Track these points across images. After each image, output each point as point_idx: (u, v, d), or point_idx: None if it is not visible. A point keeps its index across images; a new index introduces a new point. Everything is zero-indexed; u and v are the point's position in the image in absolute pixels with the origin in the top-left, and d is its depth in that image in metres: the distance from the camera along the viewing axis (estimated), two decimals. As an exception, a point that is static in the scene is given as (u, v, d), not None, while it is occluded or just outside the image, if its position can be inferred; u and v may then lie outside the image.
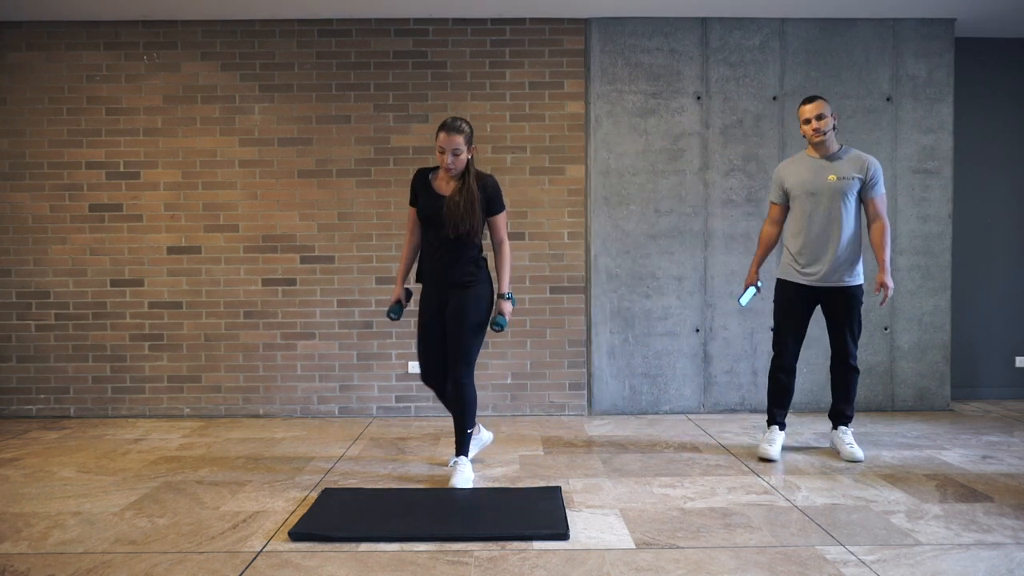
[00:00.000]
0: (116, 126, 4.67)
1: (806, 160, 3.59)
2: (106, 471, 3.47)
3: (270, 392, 4.72)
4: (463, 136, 3.11)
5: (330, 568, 2.35)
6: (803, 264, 3.57)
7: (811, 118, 3.47)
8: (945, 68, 4.72)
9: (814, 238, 3.53)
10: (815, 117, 3.46)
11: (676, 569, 2.33)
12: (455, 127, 3.10)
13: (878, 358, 4.76)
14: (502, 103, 4.68)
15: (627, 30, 4.66)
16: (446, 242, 3.18)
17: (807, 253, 3.55)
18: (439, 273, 3.22)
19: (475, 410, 3.24)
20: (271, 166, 4.68)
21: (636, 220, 4.68)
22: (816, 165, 3.54)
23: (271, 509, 2.91)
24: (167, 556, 2.45)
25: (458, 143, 3.09)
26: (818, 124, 3.46)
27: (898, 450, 3.78)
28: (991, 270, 5.13)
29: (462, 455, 3.24)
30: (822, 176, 3.51)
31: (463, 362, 3.18)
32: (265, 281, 4.70)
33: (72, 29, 4.65)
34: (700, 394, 4.74)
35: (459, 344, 3.18)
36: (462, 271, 3.20)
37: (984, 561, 2.38)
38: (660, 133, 4.68)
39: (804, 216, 3.55)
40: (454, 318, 3.19)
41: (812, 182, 3.52)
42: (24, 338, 4.71)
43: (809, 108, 3.48)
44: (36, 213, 4.69)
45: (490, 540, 2.58)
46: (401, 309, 3.36)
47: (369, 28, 4.66)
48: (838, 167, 3.51)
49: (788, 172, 3.62)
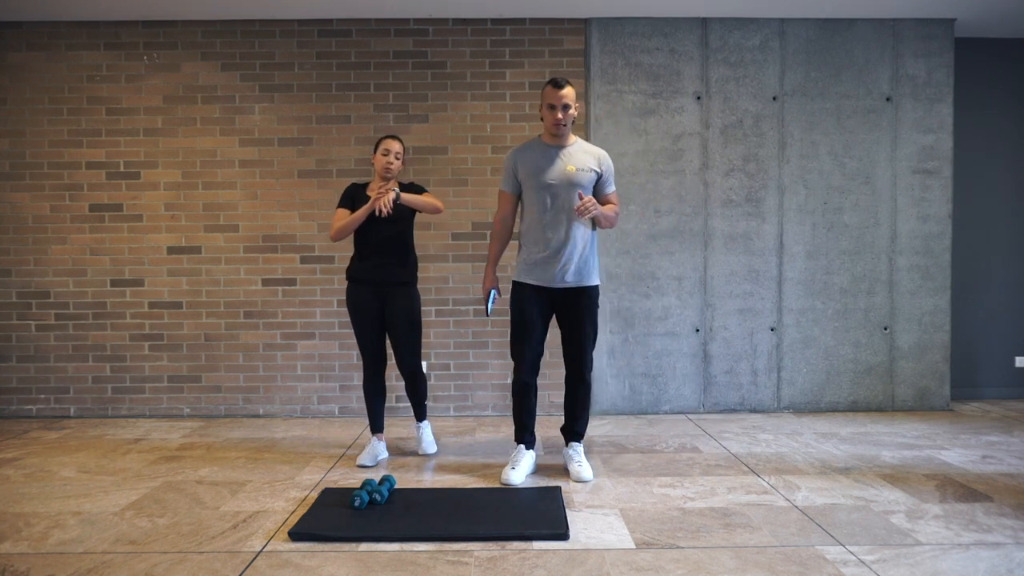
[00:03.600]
0: (116, 126, 4.67)
1: (540, 146, 3.28)
2: (106, 471, 3.47)
3: (270, 392, 4.72)
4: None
5: (330, 568, 2.35)
6: (539, 262, 3.24)
7: (557, 105, 3.14)
8: (945, 68, 4.72)
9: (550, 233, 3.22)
10: (562, 107, 3.15)
11: (676, 569, 2.33)
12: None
13: (878, 358, 4.76)
14: (502, 103, 4.68)
15: (627, 30, 4.66)
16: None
17: (543, 249, 3.22)
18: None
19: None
20: (271, 166, 4.68)
21: (636, 220, 4.68)
22: (552, 153, 3.24)
23: (271, 509, 2.91)
24: (167, 556, 2.45)
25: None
26: (562, 116, 3.16)
27: (898, 450, 3.78)
28: (991, 270, 5.13)
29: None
30: (560, 166, 3.21)
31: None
32: (265, 281, 4.70)
33: (72, 29, 4.66)
34: (700, 394, 4.74)
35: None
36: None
37: (984, 561, 2.38)
38: (660, 133, 4.68)
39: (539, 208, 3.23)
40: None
41: (548, 171, 3.21)
42: (24, 338, 4.71)
43: (561, 94, 3.15)
44: (36, 213, 4.69)
45: (490, 540, 2.58)
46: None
47: (369, 28, 4.66)
48: (575, 157, 3.23)
49: (522, 158, 3.28)
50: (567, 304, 3.26)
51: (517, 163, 3.29)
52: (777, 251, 4.73)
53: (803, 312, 4.73)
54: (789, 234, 4.72)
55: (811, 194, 4.71)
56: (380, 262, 3.52)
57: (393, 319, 3.54)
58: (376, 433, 3.67)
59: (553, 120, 3.17)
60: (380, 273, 3.52)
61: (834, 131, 4.71)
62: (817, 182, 4.71)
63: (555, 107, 3.15)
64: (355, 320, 3.56)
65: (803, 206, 4.72)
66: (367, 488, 2.91)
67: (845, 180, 4.72)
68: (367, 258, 3.54)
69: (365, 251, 3.54)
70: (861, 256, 4.73)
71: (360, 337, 3.57)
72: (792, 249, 4.72)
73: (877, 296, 4.74)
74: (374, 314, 3.55)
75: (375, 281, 3.53)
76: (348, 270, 3.61)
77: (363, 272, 3.54)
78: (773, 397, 4.75)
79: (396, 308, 3.53)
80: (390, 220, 3.47)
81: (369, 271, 3.53)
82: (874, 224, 4.73)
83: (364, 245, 3.54)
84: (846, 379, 4.75)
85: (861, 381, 4.76)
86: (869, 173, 4.72)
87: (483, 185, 4.68)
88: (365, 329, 3.55)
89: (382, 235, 3.50)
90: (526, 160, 3.26)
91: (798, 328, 4.73)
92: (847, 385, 4.75)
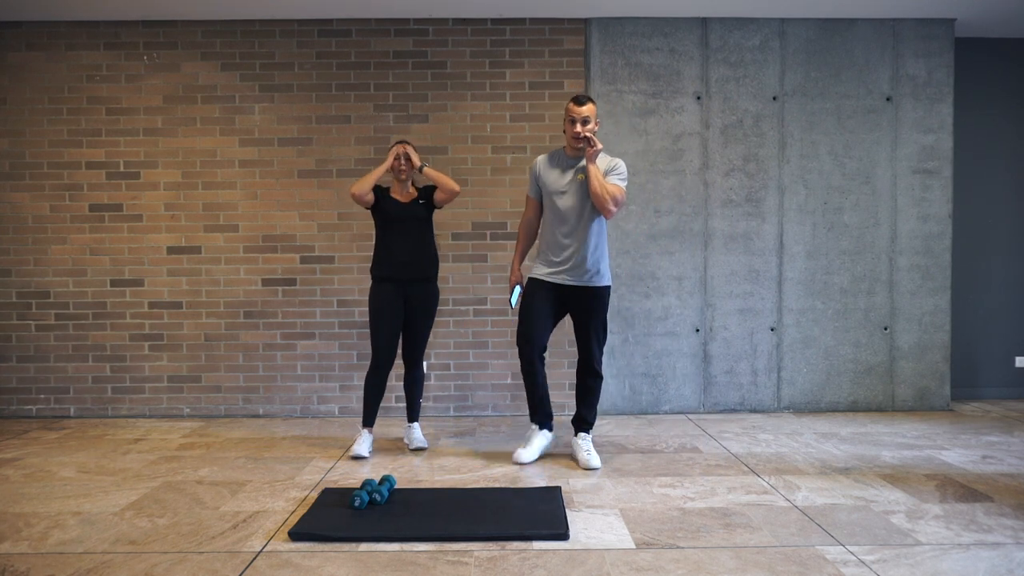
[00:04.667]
0: (116, 126, 4.67)
1: (562, 157, 3.54)
2: (106, 471, 3.47)
3: (270, 392, 4.72)
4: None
5: (330, 568, 2.35)
6: (554, 264, 3.49)
7: (577, 119, 3.39)
8: (945, 68, 4.72)
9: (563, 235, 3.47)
10: (582, 120, 3.38)
11: (676, 569, 2.33)
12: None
13: (878, 358, 4.76)
14: (502, 103, 4.68)
15: (627, 30, 4.66)
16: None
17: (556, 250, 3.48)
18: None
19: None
20: (271, 166, 4.68)
21: (636, 220, 4.69)
22: (571, 164, 3.49)
23: (271, 509, 2.91)
24: (167, 556, 2.45)
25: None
26: (581, 129, 3.39)
27: (898, 450, 3.78)
28: (991, 270, 5.13)
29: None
30: (572, 175, 3.46)
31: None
32: (265, 281, 4.70)
33: (72, 29, 4.66)
34: (700, 394, 4.74)
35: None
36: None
37: (984, 561, 2.38)
38: (660, 133, 4.68)
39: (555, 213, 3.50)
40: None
41: (564, 181, 3.47)
42: (24, 338, 4.71)
43: (580, 109, 3.39)
44: (36, 213, 4.69)
45: (490, 540, 2.57)
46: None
47: (369, 28, 4.66)
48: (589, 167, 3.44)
49: (542, 167, 3.56)
50: (580, 302, 3.51)
51: (540, 171, 3.58)
52: (777, 251, 4.73)
53: (803, 312, 4.73)
54: (789, 234, 4.72)
55: (811, 194, 4.72)
56: (406, 260, 3.67)
57: (413, 314, 3.72)
58: (367, 427, 3.77)
59: (572, 133, 3.41)
60: (405, 271, 3.67)
61: (834, 131, 4.71)
62: (817, 182, 4.71)
63: (575, 121, 3.39)
64: (376, 317, 3.66)
65: (803, 206, 4.72)
66: (367, 488, 2.91)
67: (845, 180, 4.72)
68: (393, 256, 3.67)
69: (390, 250, 3.68)
70: (861, 256, 4.73)
71: (377, 334, 3.67)
72: (792, 249, 4.72)
73: (877, 296, 4.74)
74: (397, 312, 3.68)
75: (400, 279, 3.68)
76: (372, 268, 3.73)
77: (389, 270, 3.68)
78: (773, 397, 4.75)
79: (418, 302, 3.71)
80: (412, 219, 3.68)
81: (395, 269, 3.67)
82: (874, 224, 4.73)
83: (389, 244, 3.68)
84: (846, 379, 4.75)
85: (861, 381, 4.76)
86: (869, 173, 4.72)
87: (483, 185, 4.68)
88: (384, 327, 3.66)
89: (405, 235, 3.68)
90: (547, 169, 3.56)
91: (798, 328, 4.73)
92: (847, 385, 4.76)
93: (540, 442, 3.59)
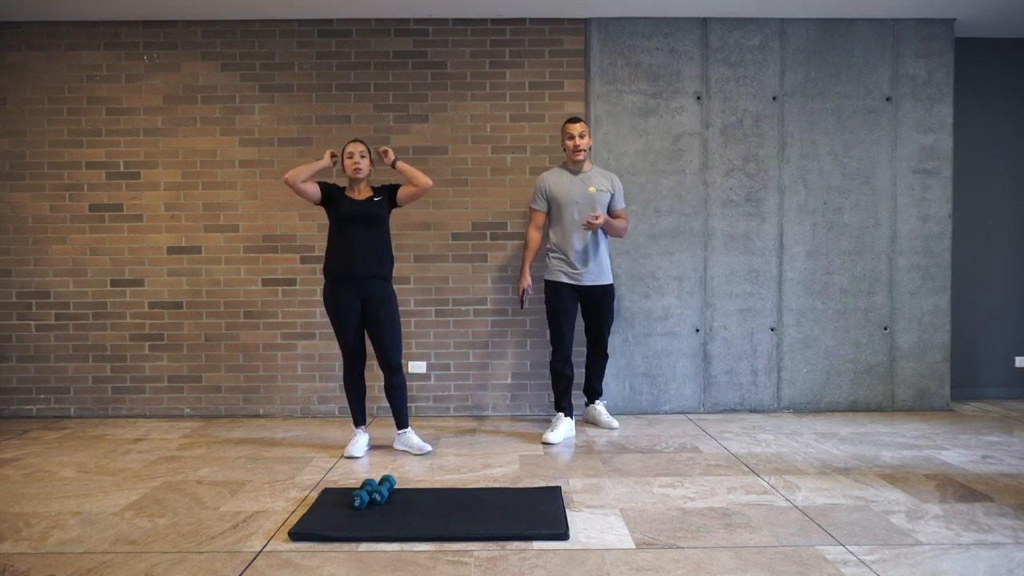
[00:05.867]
0: (116, 126, 4.67)
1: (566, 172, 4.08)
2: (106, 471, 3.47)
3: (270, 392, 4.72)
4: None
5: (330, 568, 2.35)
6: (569, 265, 4.05)
7: (575, 134, 3.97)
8: (945, 68, 4.72)
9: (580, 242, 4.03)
10: (578, 135, 3.97)
11: (676, 569, 2.33)
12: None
13: (878, 358, 4.76)
14: (502, 103, 4.68)
15: (627, 30, 4.66)
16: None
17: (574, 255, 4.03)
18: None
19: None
20: (271, 166, 4.68)
21: (636, 220, 4.69)
22: (576, 177, 4.05)
23: (271, 509, 2.91)
24: (167, 556, 2.45)
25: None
26: (580, 142, 3.97)
27: (898, 450, 3.78)
28: (991, 270, 5.13)
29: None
30: (582, 188, 4.02)
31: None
32: (265, 281, 4.70)
33: (72, 29, 4.66)
34: (700, 394, 4.74)
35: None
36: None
37: (984, 561, 2.38)
38: (660, 133, 4.68)
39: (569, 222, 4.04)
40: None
41: (575, 192, 4.01)
42: (24, 338, 4.71)
43: (575, 126, 3.98)
44: (36, 213, 4.69)
45: (490, 540, 2.58)
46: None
47: (369, 28, 4.66)
48: (595, 180, 4.04)
49: (552, 182, 4.06)
50: (593, 298, 4.10)
51: (548, 186, 4.08)
52: (777, 251, 4.73)
53: (803, 312, 4.73)
54: (789, 234, 4.72)
55: (811, 194, 4.72)
56: (360, 259, 3.62)
57: (375, 315, 3.66)
58: (360, 426, 3.79)
59: (573, 146, 3.99)
60: (359, 269, 3.62)
61: (834, 131, 4.71)
62: (817, 182, 4.71)
63: (573, 136, 3.99)
64: (336, 319, 3.66)
65: (803, 206, 4.72)
66: (367, 488, 2.91)
67: (845, 180, 4.72)
68: (347, 255, 3.62)
69: (344, 248, 3.63)
70: (861, 256, 4.73)
71: (341, 335, 3.68)
72: (792, 249, 4.72)
73: (877, 296, 4.74)
74: (354, 310, 3.66)
75: (353, 277, 3.62)
76: (325, 268, 3.69)
77: (343, 269, 3.62)
78: (773, 397, 4.75)
79: (377, 303, 3.65)
80: (367, 217, 3.63)
81: (349, 267, 3.62)
82: (874, 224, 4.73)
83: (343, 243, 3.63)
84: (846, 379, 4.76)
85: (861, 381, 4.76)
86: (869, 173, 4.72)
87: (483, 185, 4.68)
88: (346, 327, 3.66)
89: (361, 233, 3.63)
90: (555, 184, 4.06)
91: (798, 328, 4.73)
92: (847, 385, 4.76)
93: (565, 428, 4.03)
